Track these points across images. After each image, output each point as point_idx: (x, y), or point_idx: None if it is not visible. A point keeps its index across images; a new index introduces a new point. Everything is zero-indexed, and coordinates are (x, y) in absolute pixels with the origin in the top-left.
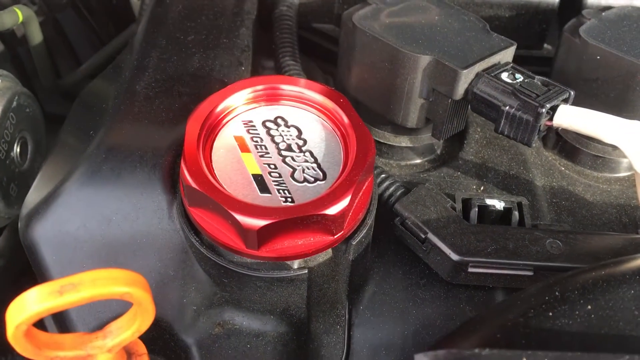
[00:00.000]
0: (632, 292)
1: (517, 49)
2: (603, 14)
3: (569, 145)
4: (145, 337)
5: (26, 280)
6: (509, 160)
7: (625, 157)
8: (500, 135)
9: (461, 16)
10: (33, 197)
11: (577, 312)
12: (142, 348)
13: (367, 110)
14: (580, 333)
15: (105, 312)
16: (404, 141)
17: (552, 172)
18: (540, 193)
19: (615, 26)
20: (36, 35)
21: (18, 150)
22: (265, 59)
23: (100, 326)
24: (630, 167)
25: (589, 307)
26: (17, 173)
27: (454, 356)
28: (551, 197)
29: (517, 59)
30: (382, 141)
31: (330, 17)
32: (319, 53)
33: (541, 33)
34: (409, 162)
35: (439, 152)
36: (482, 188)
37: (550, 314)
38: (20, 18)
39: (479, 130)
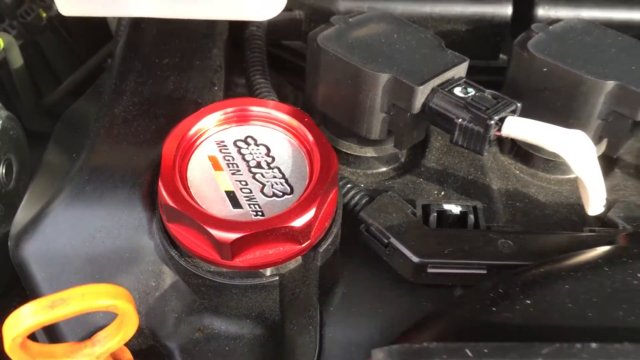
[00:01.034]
0: (567, 286)
1: (475, 59)
2: (550, 27)
3: (523, 150)
4: (131, 344)
5: (16, 293)
6: (468, 166)
7: None
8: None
9: (418, 34)
10: (21, 217)
11: (517, 307)
12: (128, 354)
13: (335, 123)
14: (520, 325)
15: (92, 323)
16: (369, 152)
17: (508, 176)
18: (497, 196)
19: (561, 39)
20: (17, 59)
21: (3, 171)
22: (237, 77)
23: (89, 336)
24: None
25: (529, 301)
26: (3, 193)
27: (405, 350)
28: (506, 199)
29: (475, 69)
30: (349, 152)
31: (298, 35)
32: (289, 69)
33: (496, 45)
34: (374, 171)
35: (402, 160)
36: (442, 193)
37: (494, 308)
38: (2, 45)
39: (439, 138)
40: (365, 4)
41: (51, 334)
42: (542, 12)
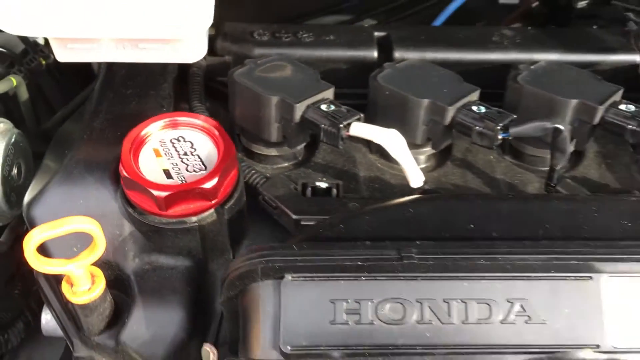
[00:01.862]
0: (382, 213)
1: (351, 88)
2: (397, 65)
3: (382, 148)
4: (104, 273)
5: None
6: (344, 161)
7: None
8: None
9: (306, 70)
10: (30, 193)
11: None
12: (100, 273)
13: (248, 132)
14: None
15: (76, 249)
16: (272, 152)
17: (372, 168)
18: (361, 180)
19: (402, 73)
20: (23, 94)
21: (15, 171)
22: (183, 103)
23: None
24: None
25: (342, 225)
26: (15, 186)
27: (257, 249)
28: (368, 182)
29: (349, 95)
30: (259, 152)
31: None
32: (222, 97)
33: (365, 79)
34: (278, 166)
35: (300, 158)
36: (322, 178)
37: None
38: (15, 83)
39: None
40: (273, 50)
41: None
42: (398, 54)
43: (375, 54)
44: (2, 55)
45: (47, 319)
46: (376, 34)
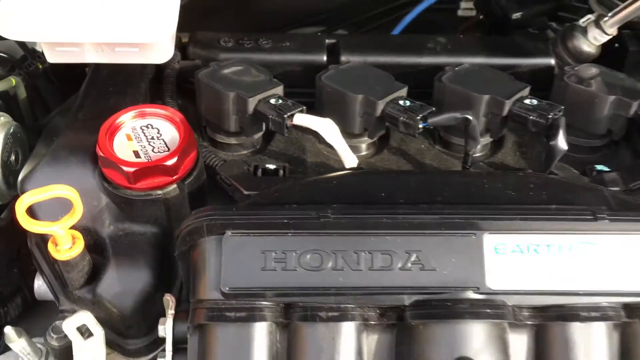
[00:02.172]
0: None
1: (301, 88)
2: (340, 67)
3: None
4: (83, 234)
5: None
6: (295, 149)
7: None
8: (292, 133)
9: (258, 70)
10: (23, 173)
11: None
12: (79, 235)
13: (212, 124)
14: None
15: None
16: (232, 140)
17: (319, 155)
18: (308, 164)
19: (343, 73)
20: (22, 94)
21: (13, 157)
22: (158, 101)
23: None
24: None
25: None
26: (13, 171)
27: (204, 210)
28: (314, 167)
29: (301, 94)
30: (222, 141)
31: None
32: (193, 96)
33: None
34: (238, 153)
35: (258, 147)
36: (275, 163)
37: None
38: (14, 83)
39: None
40: (236, 55)
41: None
42: (344, 58)
43: (324, 58)
44: (4, 60)
45: (39, 284)
46: (327, 41)
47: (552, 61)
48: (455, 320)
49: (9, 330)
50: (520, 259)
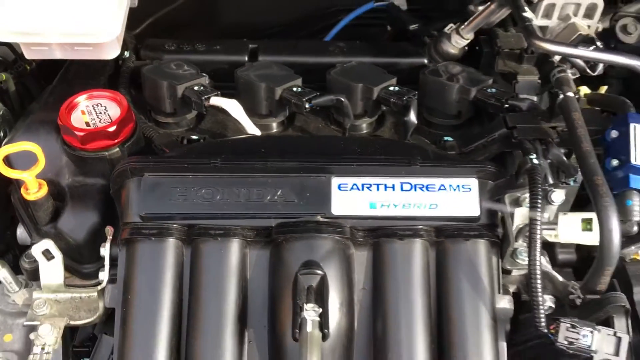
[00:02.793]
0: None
1: (224, 82)
2: (253, 64)
3: None
4: (49, 185)
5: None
6: (219, 127)
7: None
8: (219, 115)
9: (190, 66)
10: (6, 141)
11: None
12: (44, 183)
13: (155, 107)
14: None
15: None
16: (169, 120)
17: (237, 132)
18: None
19: (255, 69)
20: (11, 87)
21: (2, 134)
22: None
23: None
24: None
25: (202, 145)
26: (1, 145)
27: (129, 159)
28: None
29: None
30: (161, 121)
31: None
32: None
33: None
34: (175, 131)
35: (191, 126)
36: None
37: (184, 150)
38: (4, 78)
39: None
40: (176, 56)
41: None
42: (261, 58)
43: (245, 58)
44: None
45: (20, 231)
46: (250, 45)
47: (425, 61)
48: (307, 235)
49: None
50: (357, 195)
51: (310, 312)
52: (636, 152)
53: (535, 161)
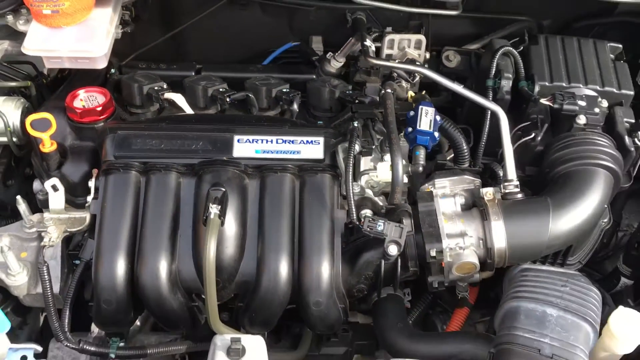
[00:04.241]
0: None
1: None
2: (195, 77)
3: None
4: (58, 146)
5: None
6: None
7: None
8: (174, 109)
9: (152, 76)
10: (28, 119)
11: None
12: (55, 144)
13: (128, 103)
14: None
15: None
16: (139, 111)
17: None
18: None
19: (195, 81)
20: (33, 91)
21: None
22: None
23: None
24: None
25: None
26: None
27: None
28: None
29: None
30: (134, 112)
31: None
32: None
33: None
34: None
35: (154, 115)
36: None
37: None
38: (29, 84)
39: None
40: (146, 72)
41: None
42: (204, 73)
43: (192, 73)
44: (26, 75)
45: (36, 184)
46: (197, 66)
47: (314, 76)
48: (217, 168)
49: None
50: (248, 145)
51: (214, 208)
52: (421, 122)
53: (355, 124)
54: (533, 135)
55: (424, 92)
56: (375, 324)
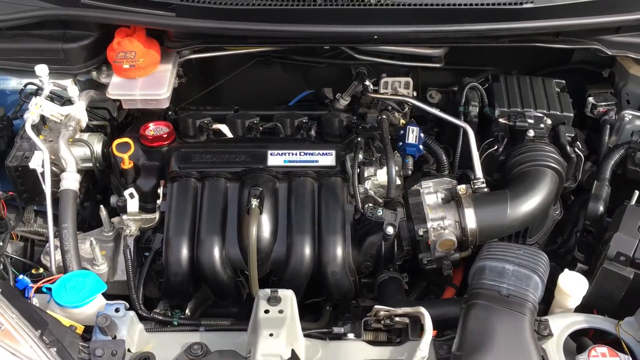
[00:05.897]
0: None
1: None
2: (233, 114)
3: None
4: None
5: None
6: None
7: None
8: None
9: (203, 113)
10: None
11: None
12: (132, 162)
13: (185, 134)
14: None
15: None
16: (192, 140)
17: None
18: None
19: (234, 116)
20: (108, 130)
21: (106, 150)
22: None
23: None
24: None
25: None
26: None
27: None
28: None
29: None
30: (188, 141)
31: None
32: None
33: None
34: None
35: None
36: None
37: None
38: (107, 124)
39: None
40: (197, 112)
41: None
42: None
43: (232, 112)
44: (103, 118)
45: (112, 199)
46: (235, 107)
47: (326, 112)
48: (255, 174)
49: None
50: (278, 157)
51: (255, 201)
52: (409, 137)
53: (359, 139)
54: (496, 147)
55: (412, 119)
56: (380, 298)
